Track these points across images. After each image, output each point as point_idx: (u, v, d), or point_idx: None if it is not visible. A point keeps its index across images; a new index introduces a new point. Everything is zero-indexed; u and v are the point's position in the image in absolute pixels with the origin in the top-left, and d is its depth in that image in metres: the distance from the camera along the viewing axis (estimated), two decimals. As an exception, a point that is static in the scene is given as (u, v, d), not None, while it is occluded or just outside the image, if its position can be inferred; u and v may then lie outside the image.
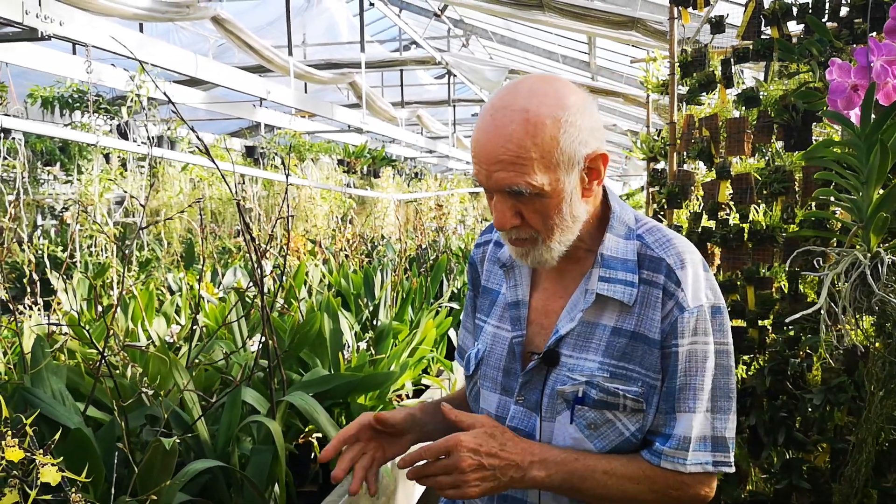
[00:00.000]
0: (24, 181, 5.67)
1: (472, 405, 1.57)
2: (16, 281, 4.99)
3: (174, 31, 10.18)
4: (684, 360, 1.34)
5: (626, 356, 1.36)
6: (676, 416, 1.35)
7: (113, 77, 4.98)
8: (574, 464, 1.33)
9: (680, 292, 1.34)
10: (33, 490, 1.26)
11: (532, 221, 1.33)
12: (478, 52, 13.45)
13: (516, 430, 1.42)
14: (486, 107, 1.32)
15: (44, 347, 2.03)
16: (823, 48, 2.40)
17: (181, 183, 7.31)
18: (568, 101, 1.29)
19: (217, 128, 12.09)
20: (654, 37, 6.12)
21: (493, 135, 1.27)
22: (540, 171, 1.27)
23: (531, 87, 1.30)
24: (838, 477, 2.04)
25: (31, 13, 3.16)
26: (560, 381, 1.38)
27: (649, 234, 1.42)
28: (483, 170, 1.31)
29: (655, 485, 1.35)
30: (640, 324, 1.36)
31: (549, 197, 1.30)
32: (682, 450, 1.34)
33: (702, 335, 1.35)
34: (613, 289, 1.37)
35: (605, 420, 1.36)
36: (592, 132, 1.31)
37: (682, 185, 3.14)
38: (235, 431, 2.17)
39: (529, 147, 1.26)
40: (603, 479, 1.34)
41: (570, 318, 1.40)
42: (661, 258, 1.38)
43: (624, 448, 1.38)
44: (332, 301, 3.08)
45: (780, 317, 2.54)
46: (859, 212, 1.80)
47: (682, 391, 1.35)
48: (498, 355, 1.50)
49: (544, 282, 1.49)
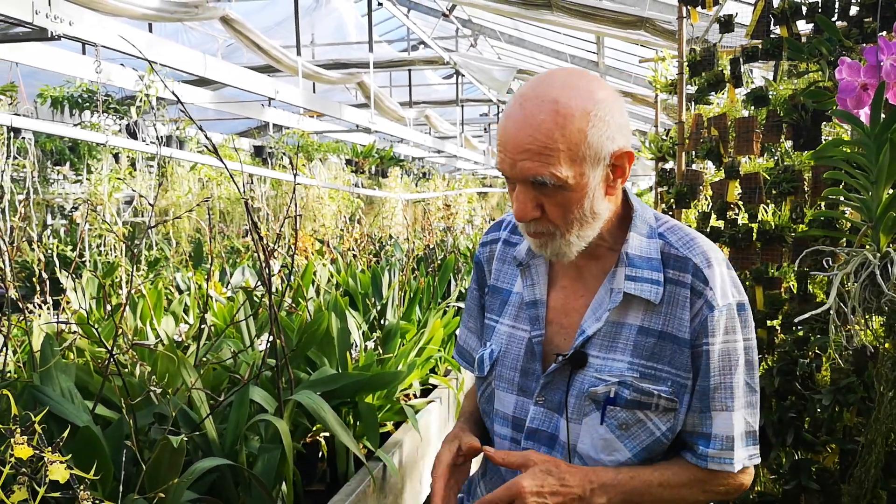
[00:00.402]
0: (34, 180, 5.70)
1: (485, 406, 1.55)
2: (26, 280, 5.02)
3: (183, 32, 10.22)
4: (717, 358, 1.35)
5: (655, 356, 1.36)
6: (712, 415, 1.36)
7: (122, 77, 5.00)
8: (630, 482, 1.33)
9: (709, 291, 1.35)
10: (42, 487, 1.27)
11: (552, 215, 1.32)
12: (486, 52, 13.44)
13: (538, 432, 1.42)
14: (516, 96, 1.31)
15: (53, 346, 2.03)
16: (833, 47, 2.39)
17: (190, 182, 7.33)
18: (598, 96, 1.28)
19: (226, 128, 12.12)
20: (662, 36, 6.10)
21: (521, 124, 1.26)
22: (565, 164, 1.26)
23: (563, 79, 1.29)
24: (847, 478, 2.03)
25: (41, 13, 3.18)
26: (588, 383, 1.37)
27: (671, 232, 1.42)
28: (508, 158, 1.29)
29: (707, 485, 1.38)
30: (668, 323, 1.36)
31: (572, 190, 1.29)
32: (727, 450, 1.36)
33: (732, 333, 1.36)
34: (641, 287, 1.36)
35: (637, 420, 1.35)
36: (620, 129, 1.30)
37: (690, 184, 3.13)
38: (243, 430, 2.17)
39: (557, 138, 1.25)
40: (659, 491, 1.35)
41: (595, 318, 1.39)
42: (687, 258, 1.37)
43: (654, 448, 1.38)
44: (339, 300, 3.08)
45: (789, 317, 2.53)
46: (869, 211, 1.79)
47: (717, 390, 1.35)
48: (514, 355, 1.48)
49: (562, 280, 1.47)
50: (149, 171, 6.10)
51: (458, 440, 1.46)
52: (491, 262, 1.60)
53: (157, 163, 4.33)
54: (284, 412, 2.28)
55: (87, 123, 5.95)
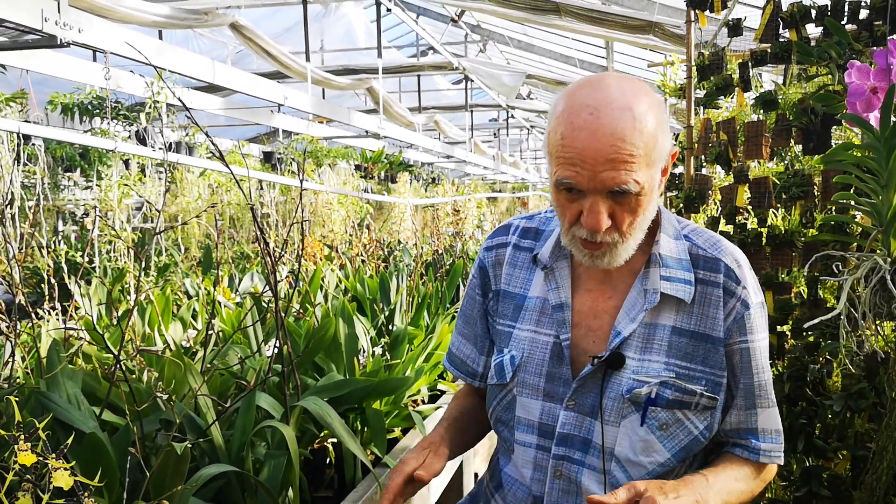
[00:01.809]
0: (45, 187, 5.73)
1: (502, 415, 1.52)
2: (36, 286, 5.04)
3: (193, 38, 10.27)
4: (759, 356, 1.39)
5: (689, 356, 1.37)
6: (758, 412, 1.40)
7: (131, 83, 5.02)
8: (716, 482, 1.35)
9: (742, 290, 1.38)
10: (46, 494, 1.26)
11: (621, 222, 1.31)
12: (495, 58, 13.45)
13: (570, 437, 1.41)
14: (576, 105, 1.27)
15: (59, 352, 2.04)
16: (842, 51, 2.37)
17: (199, 188, 7.35)
18: (656, 100, 1.29)
19: (235, 134, 12.16)
20: (671, 41, 6.09)
21: (599, 133, 1.23)
22: (643, 169, 1.26)
23: (624, 85, 1.28)
24: (859, 485, 2.01)
25: (51, 20, 3.18)
26: (627, 385, 1.36)
27: (696, 234, 1.45)
28: (587, 171, 1.25)
29: (764, 476, 1.43)
30: (701, 323, 1.38)
31: (643, 195, 1.29)
32: (776, 443, 1.42)
33: (763, 331, 1.41)
34: (675, 287, 1.37)
35: (676, 420, 1.37)
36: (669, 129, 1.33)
37: (699, 189, 3.11)
38: (250, 436, 2.17)
39: (639, 145, 1.24)
40: (737, 486, 1.38)
41: (630, 319, 1.39)
42: (718, 259, 1.41)
43: (692, 447, 1.39)
44: (347, 306, 3.08)
45: (800, 322, 2.51)
46: (879, 216, 1.77)
47: (761, 387, 1.40)
48: (539, 361, 1.46)
49: (587, 283, 1.46)
50: (158, 178, 6.12)
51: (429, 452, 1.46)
52: (497, 266, 1.57)
53: (166, 169, 4.34)
54: (291, 418, 2.28)
55: (97, 130, 5.98)
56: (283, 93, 6.33)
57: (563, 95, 1.31)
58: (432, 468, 1.44)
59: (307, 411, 2.33)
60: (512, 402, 1.49)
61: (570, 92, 1.30)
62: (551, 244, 1.48)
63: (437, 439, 1.51)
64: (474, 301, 1.62)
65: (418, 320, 4.03)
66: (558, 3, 6.49)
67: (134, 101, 6.98)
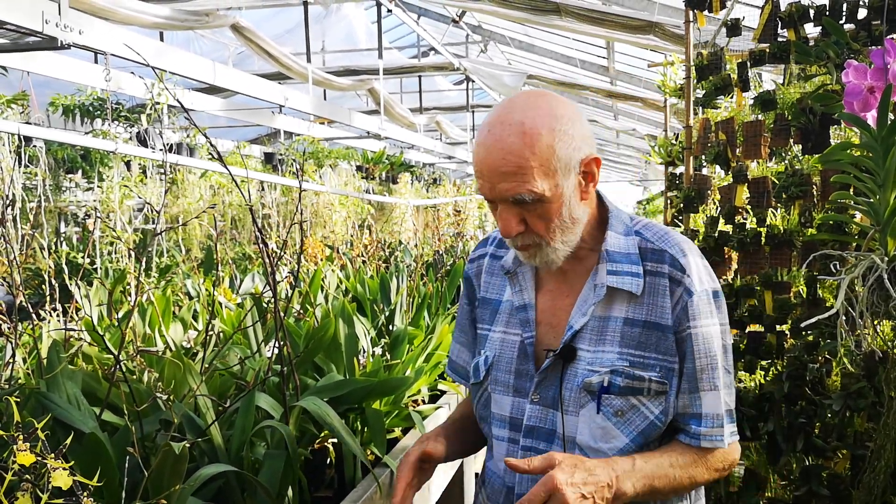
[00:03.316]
0: (46, 188, 5.74)
1: (482, 412, 1.62)
2: (37, 287, 5.05)
3: (195, 40, 10.28)
4: (700, 341, 1.44)
5: (642, 345, 1.45)
6: (700, 396, 1.45)
7: (132, 85, 5.03)
8: (646, 466, 1.41)
9: (686, 278, 1.45)
10: (45, 494, 1.27)
11: (536, 227, 1.42)
12: (496, 58, 13.45)
13: (535, 429, 1.50)
14: (483, 124, 1.41)
15: (59, 352, 2.04)
16: (841, 50, 2.37)
17: (201, 190, 7.36)
18: (559, 113, 1.38)
19: (237, 135, 12.17)
20: (671, 40, 6.09)
21: (493, 149, 1.36)
22: (540, 178, 1.36)
23: (525, 102, 1.40)
24: (858, 484, 2.01)
25: (51, 22, 3.19)
26: (582, 375, 1.45)
27: (646, 229, 1.53)
28: (487, 183, 1.39)
29: (708, 463, 1.47)
30: (651, 312, 1.45)
31: (550, 202, 1.39)
32: (717, 427, 1.46)
33: (710, 317, 1.46)
34: (622, 280, 1.46)
35: (631, 406, 1.44)
36: (584, 139, 1.41)
37: (698, 189, 3.11)
38: (249, 436, 2.17)
39: (529, 157, 1.35)
40: (672, 472, 1.43)
41: (582, 313, 1.48)
42: (664, 250, 1.48)
43: (650, 432, 1.45)
44: (347, 306, 3.08)
45: (798, 321, 2.51)
46: (876, 215, 1.78)
47: (703, 371, 1.45)
48: (508, 359, 1.56)
49: (548, 284, 1.56)
50: (160, 179, 6.13)
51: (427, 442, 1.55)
52: (479, 276, 1.69)
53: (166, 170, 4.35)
54: (290, 418, 2.28)
55: (98, 131, 5.98)
56: (284, 94, 6.33)
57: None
58: (437, 449, 1.55)
59: (307, 411, 2.33)
60: (488, 400, 1.59)
61: (491, 111, 1.43)
62: (514, 251, 1.56)
63: (432, 434, 1.61)
64: (464, 310, 1.74)
65: (418, 321, 4.03)
66: (559, 4, 6.49)
67: (135, 102, 6.99)
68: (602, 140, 18.23)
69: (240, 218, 8.41)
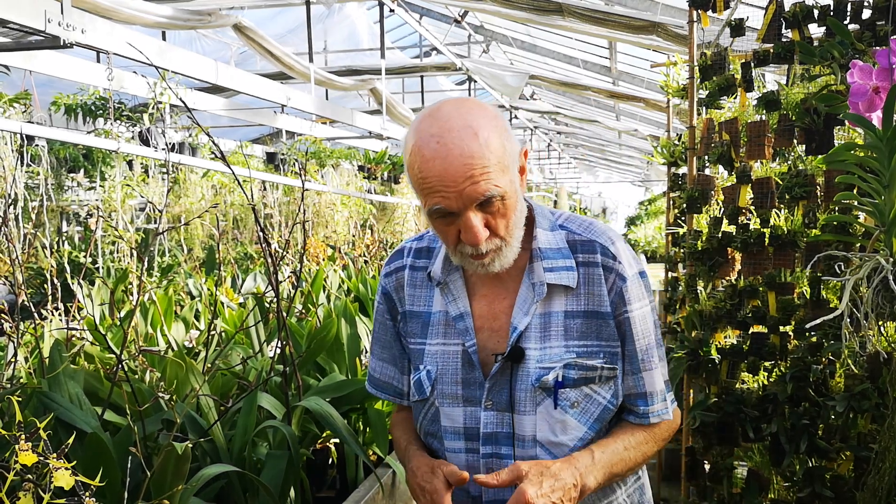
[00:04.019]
0: (48, 187, 5.74)
1: (429, 427, 1.59)
2: (39, 287, 5.05)
3: (197, 39, 10.27)
4: (639, 323, 1.50)
5: (585, 334, 1.48)
6: (643, 376, 1.51)
7: (135, 84, 5.03)
8: (604, 457, 1.45)
9: (618, 265, 1.49)
10: (47, 494, 1.26)
11: (498, 228, 1.42)
12: (498, 58, 13.43)
13: (494, 434, 1.50)
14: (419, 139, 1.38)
15: (61, 352, 2.04)
16: (845, 50, 2.36)
17: (203, 189, 7.35)
18: (492, 113, 1.42)
19: (239, 134, 12.18)
20: (674, 41, 6.08)
21: (451, 156, 1.35)
22: (499, 175, 1.38)
23: (459, 108, 1.40)
24: (862, 485, 2.00)
25: (54, 21, 3.19)
26: (535, 374, 1.47)
27: (570, 222, 1.56)
28: (452, 192, 1.36)
29: (656, 437, 1.55)
30: (589, 301, 1.49)
31: (508, 198, 1.41)
32: (661, 402, 1.54)
33: (643, 299, 1.52)
34: (559, 276, 1.49)
35: (585, 395, 1.48)
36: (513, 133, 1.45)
37: (702, 189, 3.11)
38: (251, 436, 2.17)
39: (488, 156, 1.36)
40: (626, 454, 1.49)
41: (524, 313, 1.49)
42: (593, 240, 1.52)
43: (604, 417, 1.51)
44: (349, 306, 3.08)
45: (802, 323, 2.50)
46: (881, 215, 1.77)
47: (644, 352, 1.51)
48: (452, 370, 1.54)
49: (481, 289, 1.56)
50: (162, 178, 6.13)
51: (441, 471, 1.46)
52: (399, 289, 1.65)
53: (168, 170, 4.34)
54: (293, 419, 2.28)
55: (100, 131, 5.98)
56: (286, 93, 6.33)
57: (411, 131, 1.42)
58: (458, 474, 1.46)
59: (309, 411, 2.33)
60: (436, 414, 1.57)
61: (416, 127, 1.41)
62: (440, 260, 1.57)
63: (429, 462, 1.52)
64: (385, 326, 1.69)
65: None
66: (561, 4, 6.48)
67: (137, 101, 6.98)
68: (604, 140, 18.21)
69: (242, 218, 8.41)
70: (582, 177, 30.80)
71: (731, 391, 2.69)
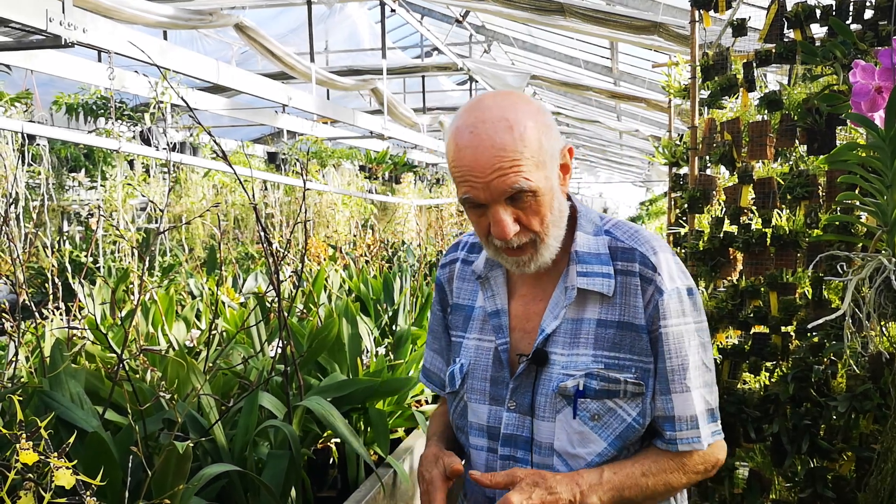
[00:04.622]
0: (49, 187, 5.74)
1: (458, 421, 1.59)
2: (40, 286, 5.04)
3: (198, 39, 10.28)
4: (671, 341, 1.42)
5: (617, 346, 1.42)
6: (672, 398, 1.42)
7: (136, 84, 5.02)
8: (615, 478, 1.38)
9: (657, 277, 1.42)
10: (48, 493, 1.26)
11: (532, 224, 1.39)
12: (500, 58, 13.44)
13: (513, 437, 1.47)
14: (458, 128, 1.38)
15: (62, 351, 2.04)
16: (847, 50, 2.36)
17: (204, 189, 7.35)
18: (534, 107, 1.39)
19: (240, 134, 12.18)
20: (676, 41, 6.08)
21: (482, 147, 1.34)
22: (533, 170, 1.35)
23: (499, 100, 1.38)
24: (863, 486, 2.00)
25: (55, 21, 3.18)
26: (557, 380, 1.42)
27: (616, 228, 1.50)
28: (480, 183, 1.35)
29: (686, 467, 1.44)
30: (625, 313, 1.43)
31: (543, 195, 1.37)
32: (692, 429, 1.42)
33: (683, 315, 1.43)
34: (592, 282, 1.43)
35: (608, 409, 1.41)
36: (558, 131, 1.42)
37: (703, 189, 3.10)
38: (252, 436, 2.16)
39: (521, 149, 1.34)
40: (644, 481, 1.40)
41: (553, 317, 1.46)
42: (634, 248, 1.45)
43: (628, 435, 1.43)
44: (350, 306, 3.08)
45: (804, 323, 2.50)
46: (883, 215, 1.77)
47: (674, 372, 1.42)
48: (483, 366, 1.53)
49: (521, 289, 1.54)
50: (163, 178, 6.13)
51: (442, 462, 1.49)
52: (451, 282, 1.66)
53: (169, 169, 4.34)
54: (294, 418, 2.28)
55: (102, 130, 5.98)
56: (287, 93, 6.33)
57: (452, 120, 1.42)
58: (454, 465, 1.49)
59: (310, 411, 2.33)
60: (464, 409, 1.56)
61: (456, 116, 1.41)
62: (484, 255, 1.56)
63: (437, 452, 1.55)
64: (437, 317, 1.71)
65: (422, 320, 4.03)
66: (563, 4, 6.48)
67: (138, 101, 6.99)
68: (605, 141, 18.21)
69: (243, 217, 8.41)
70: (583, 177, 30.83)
71: (733, 391, 2.69)
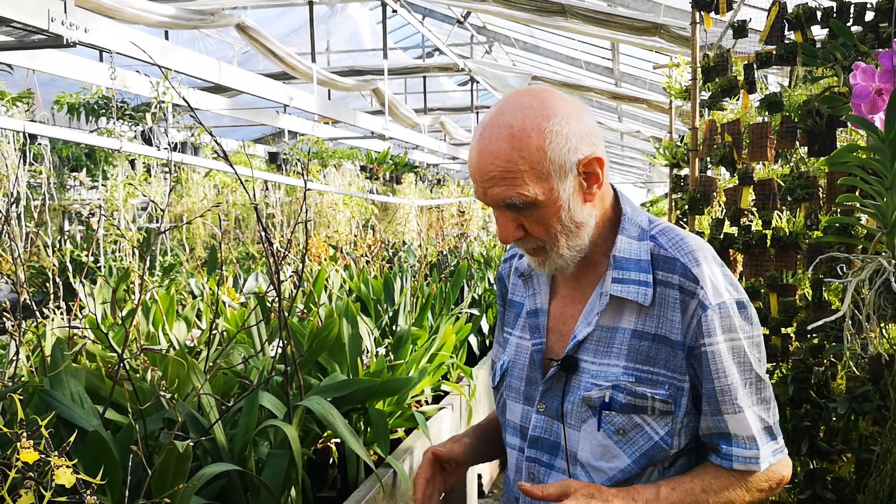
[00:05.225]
0: (50, 186, 5.74)
1: (501, 417, 1.58)
2: (41, 285, 5.04)
3: (200, 39, 10.28)
4: (721, 359, 1.32)
5: (651, 360, 1.34)
6: (725, 418, 1.33)
7: (137, 84, 5.03)
8: (673, 494, 1.31)
9: (700, 290, 1.32)
10: (48, 492, 1.26)
11: (535, 231, 1.35)
12: (501, 59, 13.44)
13: (540, 439, 1.44)
14: (477, 126, 1.34)
15: (63, 350, 2.04)
16: (848, 52, 2.36)
17: (205, 189, 7.36)
18: (552, 112, 1.29)
19: (241, 134, 12.19)
20: (677, 42, 6.08)
21: (483, 153, 1.30)
22: (531, 182, 1.28)
23: (516, 102, 1.32)
24: (863, 488, 2.00)
25: (57, 20, 3.19)
26: (584, 388, 1.37)
27: (662, 234, 1.41)
28: (480, 187, 1.33)
29: (749, 485, 1.35)
30: (661, 326, 1.34)
31: (546, 206, 1.31)
32: (751, 449, 1.33)
33: (732, 331, 1.33)
34: (627, 289, 1.35)
35: (634, 425, 1.34)
36: (583, 138, 1.31)
37: (704, 190, 3.11)
38: (252, 436, 2.17)
39: (517, 160, 1.27)
40: (704, 497, 1.33)
41: (587, 323, 1.40)
42: (675, 257, 1.36)
43: (654, 454, 1.35)
44: (351, 306, 3.08)
45: (804, 324, 2.50)
46: (883, 217, 1.77)
47: (723, 393, 1.32)
48: (521, 365, 1.50)
49: (562, 289, 1.49)
50: (164, 178, 6.13)
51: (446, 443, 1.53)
52: (509, 277, 1.63)
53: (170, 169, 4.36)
54: (294, 418, 2.28)
55: (103, 130, 5.99)
56: (288, 94, 6.33)
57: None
58: (452, 451, 1.52)
59: (310, 411, 2.33)
60: (504, 406, 1.55)
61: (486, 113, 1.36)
62: None
63: (459, 435, 1.59)
64: (499, 310, 1.68)
65: (422, 321, 4.03)
66: (564, 5, 6.48)
67: (140, 101, 6.99)
68: (606, 142, 18.16)
69: (244, 217, 8.41)
70: (584, 178, 30.75)
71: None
